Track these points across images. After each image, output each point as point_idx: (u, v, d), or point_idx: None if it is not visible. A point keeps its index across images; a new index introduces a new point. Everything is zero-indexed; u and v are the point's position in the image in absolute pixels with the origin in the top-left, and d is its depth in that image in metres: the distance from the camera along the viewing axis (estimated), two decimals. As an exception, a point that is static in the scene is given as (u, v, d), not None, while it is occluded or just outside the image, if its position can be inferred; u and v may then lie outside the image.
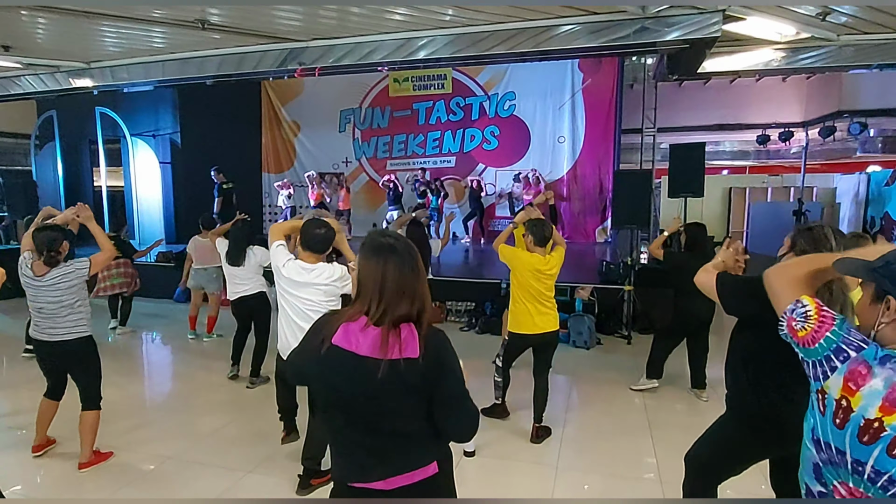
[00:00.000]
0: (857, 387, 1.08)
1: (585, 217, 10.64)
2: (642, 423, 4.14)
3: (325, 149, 12.03)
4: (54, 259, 3.21)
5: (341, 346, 1.47)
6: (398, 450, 1.52)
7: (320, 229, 2.96)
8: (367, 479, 1.51)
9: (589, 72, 10.27)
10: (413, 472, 1.51)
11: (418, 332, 1.47)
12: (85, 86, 6.79)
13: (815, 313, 1.21)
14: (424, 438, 1.54)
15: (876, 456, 1.06)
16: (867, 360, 1.10)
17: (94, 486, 3.22)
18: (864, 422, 1.07)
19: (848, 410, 1.09)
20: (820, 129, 10.03)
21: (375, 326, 1.47)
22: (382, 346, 1.44)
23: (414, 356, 1.45)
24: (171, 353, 6.49)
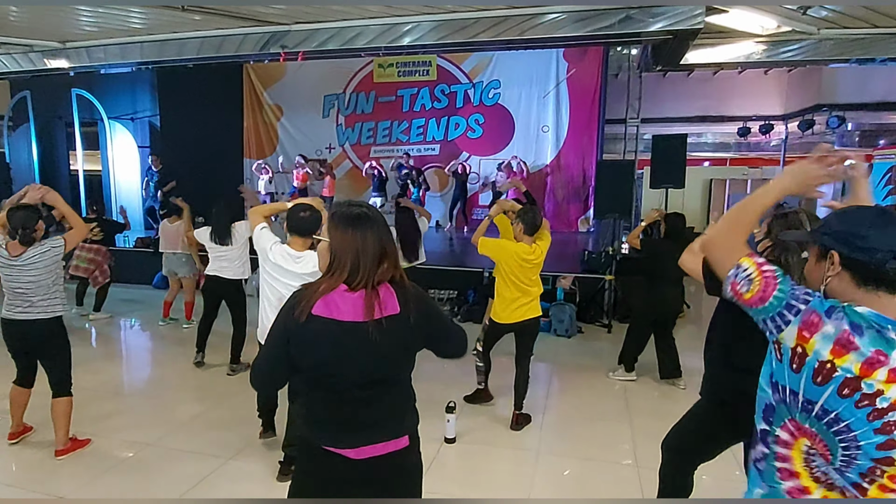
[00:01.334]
0: (811, 334, 1.16)
1: (568, 206, 10.70)
2: (621, 410, 4.22)
3: (308, 134, 11.87)
4: (29, 237, 3.14)
5: (323, 315, 1.49)
6: (374, 419, 1.56)
7: (305, 212, 2.95)
8: (338, 444, 1.55)
9: (574, 61, 10.27)
10: (385, 443, 1.56)
11: (395, 290, 1.54)
12: (60, 66, 6.61)
13: (756, 275, 1.26)
14: (401, 409, 1.61)
15: (826, 396, 1.14)
16: (817, 310, 1.18)
17: (71, 473, 3.19)
18: (818, 364, 1.14)
19: (803, 356, 1.17)
20: (799, 123, 10.19)
21: (353, 291, 1.50)
22: (367, 308, 1.49)
23: (395, 312, 1.51)
24: (148, 339, 6.42)
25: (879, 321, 1.15)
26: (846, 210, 1.27)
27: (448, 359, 1.75)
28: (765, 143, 11.98)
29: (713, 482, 3.12)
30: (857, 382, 1.12)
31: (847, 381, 1.12)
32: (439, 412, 3.63)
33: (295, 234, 2.96)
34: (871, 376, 1.11)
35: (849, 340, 1.13)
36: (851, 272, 1.19)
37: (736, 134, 11.30)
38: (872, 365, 1.11)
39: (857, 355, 1.12)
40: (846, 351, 1.13)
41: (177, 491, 3.02)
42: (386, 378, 1.56)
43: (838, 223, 1.22)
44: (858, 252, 1.17)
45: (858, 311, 1.17)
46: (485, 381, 4.17)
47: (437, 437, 3.60)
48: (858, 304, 1.18)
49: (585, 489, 3.14)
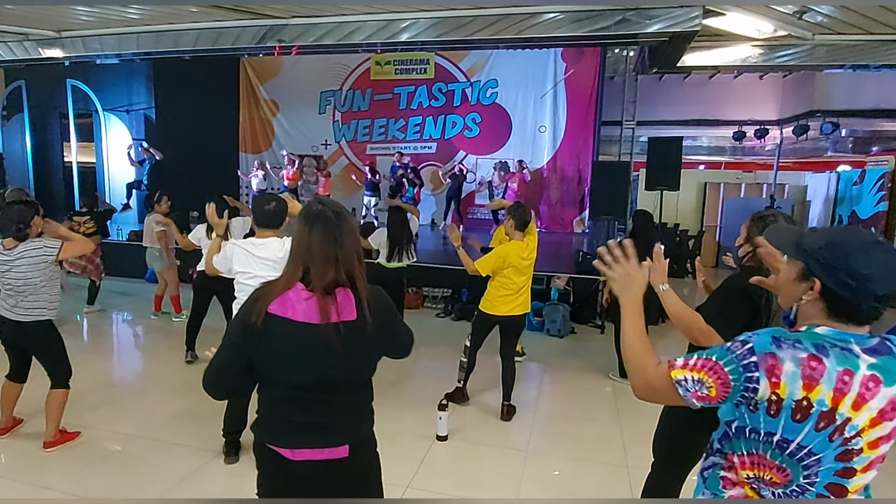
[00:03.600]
0: (778, 378, 1.13)
1: (563, 207, 10.73)
2: (611, 410, 4.23)
3: (304, 130, 11.84)
4: (22, 233, 3.12)
5: (277, 314, 1.47)
6: (317, 424, 1.54)
7: (269, 204, 2.91)
8: (277, 443, 1.55)
9: (571, 62, 10.29)
10: (321, 449, 1.53)
11: (354, 296, 1.51)
12: (55, 56, 6.56)
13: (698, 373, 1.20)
14: (346, 417, 1.57)
15: (805, 433, 1.13)
16: (765, 350, 1.14)
17: (59, 465, 3.17)
18: (794, 403, 1.13)
19: (780, 401, 1.14)
20: (794, 128, 10.25)
21: (311, 293, 1.49)
22: (322, 311, 1.47)
23: (352, 318, 1.49)
24: (139, 332, 6.39)
25: (840, 337, 1.15)
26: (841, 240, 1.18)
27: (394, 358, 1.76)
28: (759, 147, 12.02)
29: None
30: (831, 415, 1.11)
31: (823, 415, 1.12)
32: (432, 409, 3.63)
33: (262, 227, 2.93)
34: (840, 404, 1.11)
35: (813, 368, 1.11)
36: (828, 304, 1.17)
37: (731, 138, 11.35)
38: (841, 391, 1.11)
39: (826, 384, 1.11)
40: (815, 382, 1.11)
41: (165, 483, 3.00)
42: (335, 383, 1.53)
43: (830, 253, 1.16)
44: (843, 288, 1.13)
45: (818, 332, 1.17)
46: (464, 380, 4.15)
47: (429, 434, 3.61)
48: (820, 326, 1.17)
49: (574, 489, 3.14)
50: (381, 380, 1.73)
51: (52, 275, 3.26)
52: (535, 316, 6.31)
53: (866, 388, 1.11)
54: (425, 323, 6.49)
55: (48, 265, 3.20)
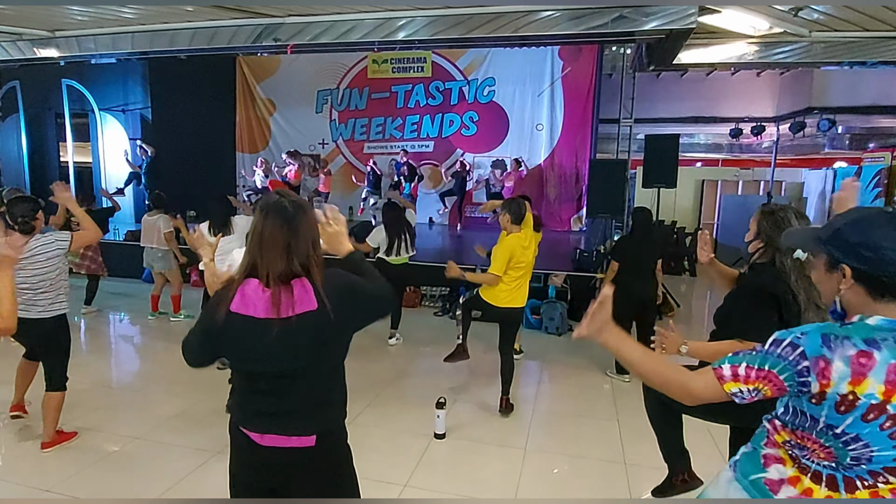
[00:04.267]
0: (828, 379, 1.12)
1: (561, 205, 10.73)
2: (609, 408, 4.23)
3: (301, 129, 11.83)
4: (28, 226, 3.10)
5: (238, 312, 1.49)
6: (284, 411, 1.54)
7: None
8: (249, 427, 1.57)
9: (569, 60, 10.29)
10: (289, 437, 1.54)
11: (312, 285, 1.49)
12: (50, 56, 6.53)
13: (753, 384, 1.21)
14: (314, 405, 1.57)
15: (849, 422, 1.12)
16: (816, 354, 1.13)
17: (56, 466, 3.16)
18: (839, 397, 1.12)
19: (823, 395, 1.14)
20: (790, 125, 10.27)
21: (266, 287, 1.48)
22: (274, 305, 1.46)
23: (312, 308, 1.48)
24: (137, 332, 6.37)
25: (894, 326, 1.12)
26: (854, 217, 1.19)
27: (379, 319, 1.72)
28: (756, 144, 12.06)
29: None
30: (882, 407, 1.09)
31: (872, 407, 1.10)
32: (429, 408, 3.63)
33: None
34: (894, 397, 1.08)
35: (862, 364, 1.09)
36: (865, 285, 1.15)
37: (728, 135, 11.37)
38: (894, 383, 1.08)
39: (875, 377, 1.09)
40: (863, 377, 1.09)
41: (164, 484, 3.00)
42: (299, 374, 1.53)
43: (847, 232, 1.16)
44: (870, 265, 1.12)
45: (869, 323, 1.13)
46: (463, 336, 4.16)
47: (426, 432, 3.61)
48: (872, 315, 1.14)
49: (573, 486, 3.15)
50: (380, 379, 1.73)
51: (64, 266, 3.28)
52: (533, 314, 6.31)
53: None
54: (423, 321, 6.49)
55: (61, 258, 3.21)
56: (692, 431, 2.58)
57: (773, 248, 2.04)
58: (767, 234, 2.08)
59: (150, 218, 6.19)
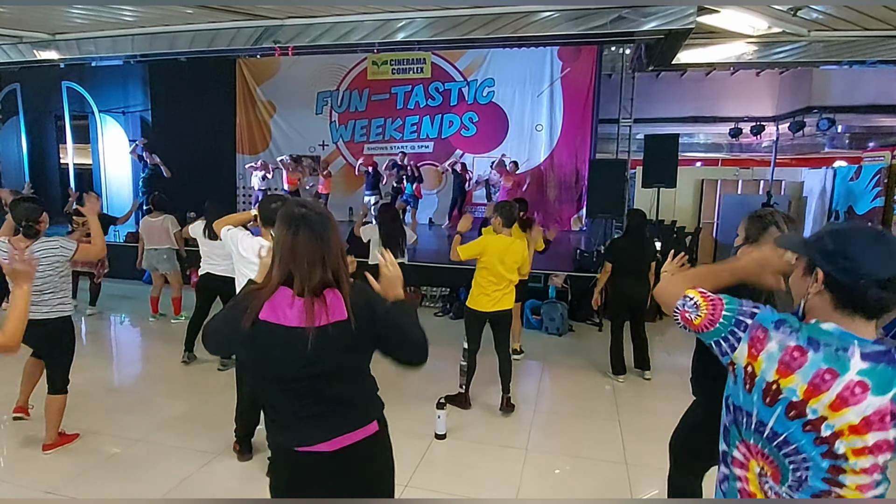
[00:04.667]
0: (758, 352, 1.18)
1: (561, 206, 10.73)
2: (610, 408, 4.24)
3: (301, 131, 11.84)
4: (32, 229, 3.11)
5: (269, 321, 1.49)
6: (338, 413, 1.57)
7: (276, 203, 2.90)
8: (309, 443, 1.55)
9: (568, 60, 10.29)
10: (355, 431, 1.58)
11: (342, 295, 1.53)
12: (50, 58, 6.54)
13: (702, 301, 1.30)
14: (363, 399, 1.63)
15: (776, 417, 1.16)
16: (763, 323, 1.19)
17: (58, 468, 3.17)
18: (766, 384, 1.16)
19: (753, 375, 1.18)
20: (790, 124, 10.27)
21: (299, 297, 1.50)
22: (308, 314, 1.48)
23: (343, 318, 1.51)
24: (138, 334, 6.38)
25: (842, 338, 1.13)
26: (841, 228, 1.23)
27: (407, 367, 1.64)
28: (756, 144, 12.05)
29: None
30: (802, 406, 1.12)
31: (792, 405, 1.13)
32: (430, 408, 3.63)
33: (268, 226, 2.93)
34: (814, 400, 1.11)
35: (793, 357, 1.13)
36: (833, 293, 1.16)
37: (727, 135, 11.37)
38: (817, 388, 1.10)
39: (801, 375, 1.12)
40: (790, 371, 1.13)
41: (164, 486, 3.00)
42: (336, 377, 1.56)
43: (830, 240, 1.18)
44: (843, 274, 1.14)
45: (824, 327, 1.16)
46: (466, 385, 4.12)
47: (427, 433, 3.61)
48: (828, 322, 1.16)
49: (574, 487, 3.15)
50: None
51: (67, 270, 3.29)
52: (534, 314, 6.32)
53: (851, 393, 1.09)
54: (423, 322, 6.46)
55: (63, 263, 3.22)
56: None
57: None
58: (755, 239, 2.08)
59: (153, 220, 6.15)
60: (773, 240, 1.45)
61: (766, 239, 2.00)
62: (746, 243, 2.14)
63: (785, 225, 2.04)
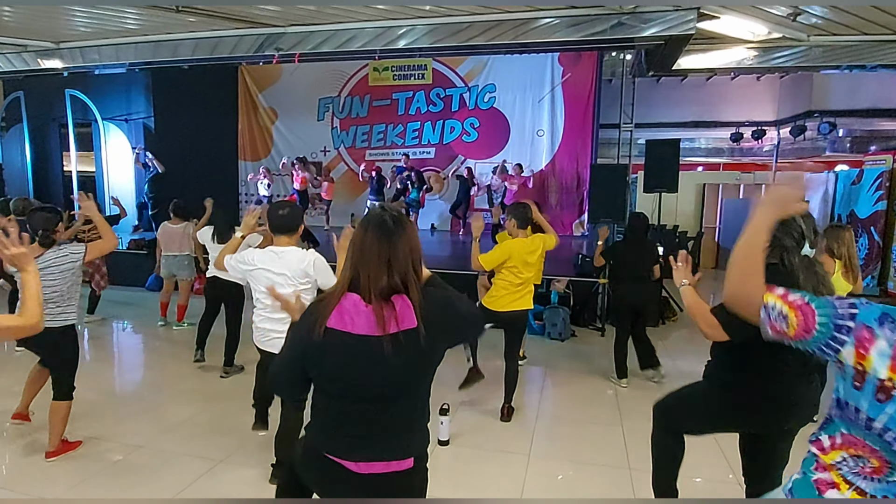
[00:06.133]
0: (867, 351, 1.12)
1: (562, 211, 10.74)
2: (613, 413, 4.23)
3: (303, 137, 11.89)
4: (49, 239, 3.13)
5: (337, 329, 1.44)
6: (382, 437, 1.51)
7: (283, 210, 2.91)
8: (342, 455, 1.51)
9: (569, 66, 10.33)
10: (388, 462, 1.50)
11: (412, 302, 1.45)
12: (54, 67, 6.59)
13: (788, 309, 1.23)
14: (410, 428, 1.54)
15: (891, 414, 1.11)
16: (866, 323, 1.14)
17: (60, 475, 3.17)
18: (878, 382, 1.12)
19: (864, 373, 1.13)
20: (791, 128, 10.28)
21: (367, 304, 1.45)
22: (378, 322, 1.42)
23: (412, 326, 1.43)
24: (141, 341, 6.38)
25: None
26: None
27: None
28: (757, 148, 12.07)
29: (706, 484, 3.14)
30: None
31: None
32: (433, 414, 3.62)
33: (278, 234, 2.93)
34: None
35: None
36: None
37: (729, 139, 11.38)
38: None
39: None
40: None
41: (167, 493, 3.00)
42: (399, 394, 1.50)
43: None
44: None
45: None
46: (473, 358, 4.14)
47: (431, 438, 3.60)
48: None
49: (577, 492, 3.14)
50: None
51: (77, 279, 3.30)
52: (536, 319, 6.31)
53: None
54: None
55: (74, 271, 3.23)
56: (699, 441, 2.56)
57: (780, 247, 2.03)
58: (773, 233, 2.07)
59: (173, 226, 6.13)
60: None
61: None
62: None
63: (802, 220, 2.01)
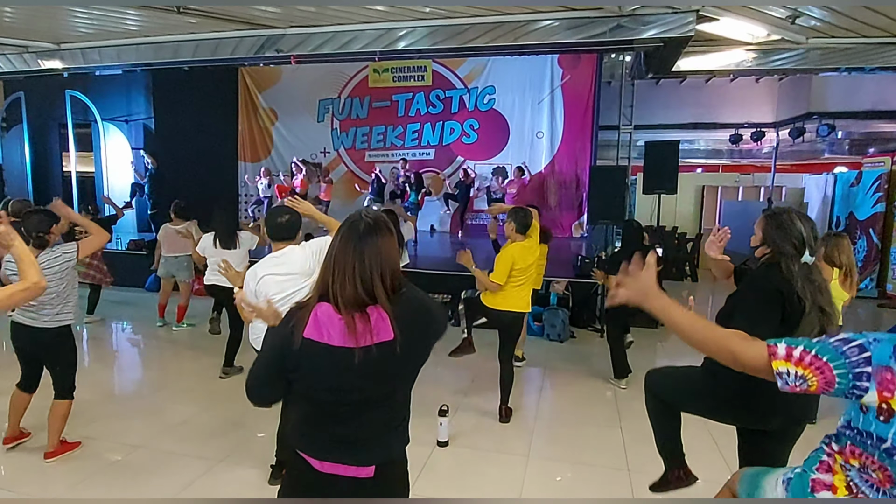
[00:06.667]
0: (892, 392, 1.10)
1: (562, 212, 10.75)
2: (612, 414, 4.23)
3: (303, 138, 11.89)
4: (43, 240, 3.13)
5: (313, 339, 1.42)
6: (351, 443, 1.50)
7: (283, 217, 2.87)
8: (309, 453, 1.52)
9: (568, 68, 10.35)
10: (347, 466, 1.50)
11: (388, 313, 1.41)
12: (55, 67, 6.60)
13: (803, 370, 1.19)
14: (379, 435, 1.54)
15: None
16: (883, 363, 1.11)
17: (60, 475, 3.17)
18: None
19: (891, 412, 1.11)
20: (790, 130, 10.29)
21: (340, 314, 1.41)
22: (350, 333, 1.39)
23: (388, 338, 1.40)
24: (140, 341, 6.39)
25: None
26: None
27: None
28: (756, 150, 12.08)
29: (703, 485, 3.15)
30: None
31: None
32: (432, 415, 3.64)
33: (277, 241, 2.88)
34: None
35: None
36: None
37: (728, 141, 11.40)
38: None
39: None
40: None
41: (166, 494, 3.00)
42: (374, 403, 1.49)
43: None
44: None
45: None
46: (468, 330, 4.16)
47: (429, 440, 3.61)
48: None
49: (576, 493, 3.15)
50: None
51: (73, 280, 3.30)
52: (535, 321, 6.32)
53: None
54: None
55: (69, 271, 3.22)
56: (692, 430, 2.58)
57: (779, 252, 2.03)
58: (773, 238, 2.05)
59: (173, 227, 6.13)
60: None
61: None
62: (763, 244, 2.11)
63: (801, 223, 2.01)
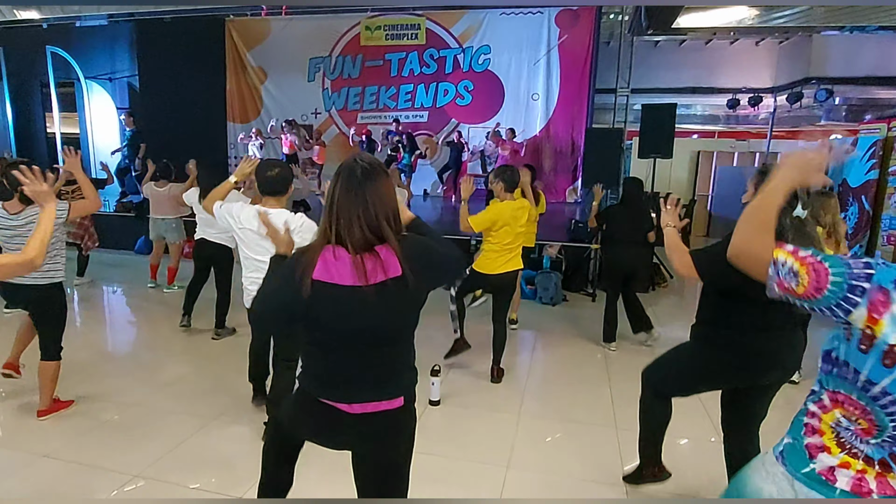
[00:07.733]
0: (880, 315, 1.08)
1: (556, 176, 10.66)
2: (602, 375, 4.29)
3: (293, 98, 11.60)
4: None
5: (324, 280, 1.45)
6: (373, 379, 1.56)
7: (273, 170, 2.82)
8: (334, 398, 1.56)
9: (565, 27, 10.08)
10: (380, 402, 1.56)
11: (395, 250, 1.47)
12: (31, 18, 6.33)
13: (799, 265, 1.17)
14: (399, 369, 1.60)
15: (892, 379, 1.09)
16: (883, 285, 1.08)
17: (54, 433, 3.18)
18: (887, 347, 1.08)
19: (871, 337, 1.10)
20: (788, 95, 10.17)
21: (349, 253, 1.46)
22: (358, 273, 1.44)
23: (397, 274, 1.46)
24: (131, 302, 6.36)
25: None
26: None
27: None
28: (753, 115, 11.98)
29: (690, 444, 3.21)
30: None
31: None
32: (424, 375, 3.65)
33: (267, 195, 2.85)
34: None
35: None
36: None
37: (725, 106, 11.27)
38: None
39: None
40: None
41: (163, 448, 3.02)
42: (390, 339, 1.55)
43: None
44: None
45: None
46: (460, 329, 4.18)
47: (421, 399, 3.62)
48: None
49: (565, 449, 3.20)
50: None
51: (61, 236, 3.26)
52: (528, 284, 6.34)
53: None
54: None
55: (58, 227, 3.15)
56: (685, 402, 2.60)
57: None
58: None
59: (158, 189, 6.03)
60: None
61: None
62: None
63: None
